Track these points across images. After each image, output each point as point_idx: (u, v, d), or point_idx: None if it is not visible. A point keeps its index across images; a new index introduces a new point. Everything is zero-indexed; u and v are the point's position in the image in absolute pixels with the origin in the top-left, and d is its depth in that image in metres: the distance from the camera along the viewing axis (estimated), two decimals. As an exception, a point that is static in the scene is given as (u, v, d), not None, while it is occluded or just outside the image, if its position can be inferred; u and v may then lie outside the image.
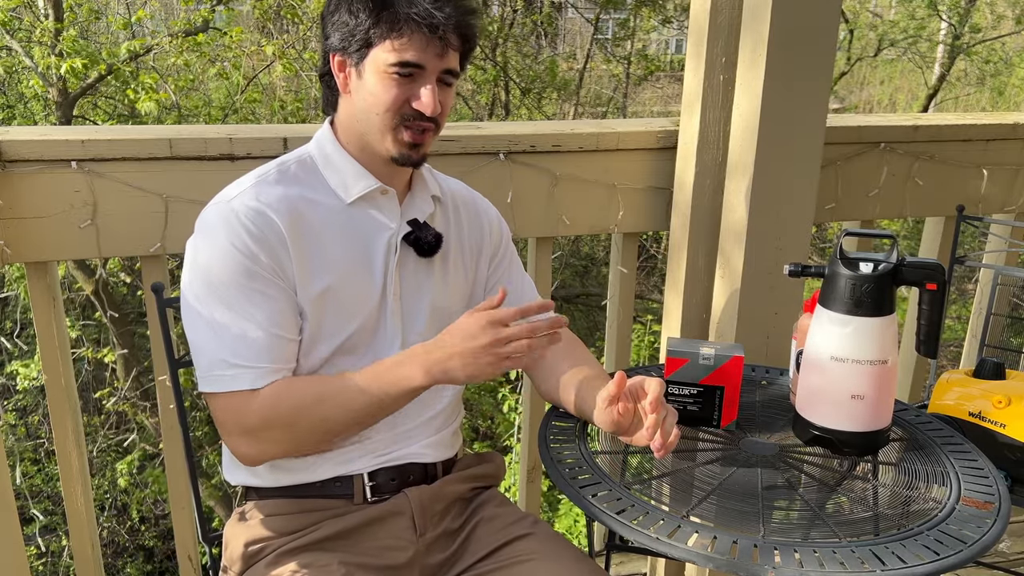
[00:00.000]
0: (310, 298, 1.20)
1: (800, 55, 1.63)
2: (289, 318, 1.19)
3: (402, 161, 1.23)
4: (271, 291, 1.17)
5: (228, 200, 1.19)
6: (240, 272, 1.15)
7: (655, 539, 1.06)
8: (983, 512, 1.14)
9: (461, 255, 1.38)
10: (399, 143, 1.21)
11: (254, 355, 1.16)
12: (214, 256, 1.16)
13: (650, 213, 1.94)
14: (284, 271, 1.18)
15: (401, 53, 1.16)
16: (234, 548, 1.27)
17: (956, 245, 2.10)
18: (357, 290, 1.24)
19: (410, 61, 1.16)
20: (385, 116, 1.19)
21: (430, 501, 1.29)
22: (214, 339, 1.16)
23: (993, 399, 1.53)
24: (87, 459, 1.81)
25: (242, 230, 1.16)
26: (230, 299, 1.15)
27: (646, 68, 10.11)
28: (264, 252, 1.16)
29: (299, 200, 1.22)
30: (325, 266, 1.21)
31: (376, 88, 1.18)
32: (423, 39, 1.16)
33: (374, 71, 1.18)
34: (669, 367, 1.37)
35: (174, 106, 6.86)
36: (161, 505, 6.43)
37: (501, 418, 6.39)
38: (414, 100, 1.18)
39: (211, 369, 1.17)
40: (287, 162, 1.27)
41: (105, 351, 6.19)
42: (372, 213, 1.26)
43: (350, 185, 1.25)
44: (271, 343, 1.16)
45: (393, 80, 1.17)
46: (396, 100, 1.18)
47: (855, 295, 1.23)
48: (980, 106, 12.68)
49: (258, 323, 1.16)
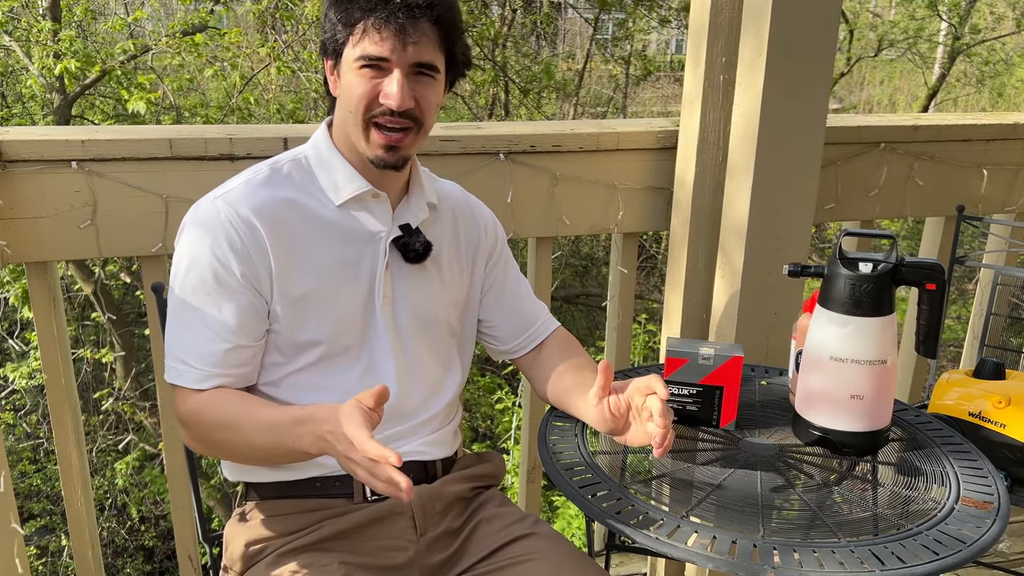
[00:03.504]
0: (290, 300, 1.21)
1: (800, 55, 1.63)
2: (250, 325, 1.20)
3: (379, 164, 1.21)
4: (236, 298, 1.18)
5: (214, 198, 1.20)
6: (209, 274, 1.17)
7: (655, 539, 1.06)
8: (982, 512, 1.14)
9: (457, 261, 1.38)
10: (372, 145, 1.20)
11: (199, 356, 1.19)
12: (191, 255, 1.19)
13: (650, 213, 1.94)
14: (258, 279, 1.19)
15: (362, 47, 1.15)
16: (235, 548, 1.27)
17: (956, 245, 2.10)
18: (342, 293, 1.24)
19: (371, 55, 1.15)
20: (356, 113, 1.18)
21: (431, 500, 1.29)
22: (174, 332, 1.21)
23: (993, 399, 1.53)
24: (87, 459, 1.81)
25: (222, 235, 1.17)
26: (194, 298, 1.18)
27: (645, 68, 10.11)
28: (238, 260, 1.17)
29: (286, 202, 1.22)
30: (308, 269, 1.22)
31: (348, 85, 1.18)
32: (380, 31, 1.14)
33: (348, 70, 1.18)
34: (669, 367, 1.37)
35: (173, 106, 6.86)
36: (161, 505, 6.43)
37: (500, 419, 6.40)
38: (382, 95, 1.17)
39: (168, 360, 1.21)
40: (280, 162, 1.27)
41: (104, 351, 6.19)
42: (363, 216, 1.26)
43: (341, 187, 1.24)
44: (221, 349, 1.18)
45: (361, 75, 1.17)
46: (364, 95, 1.17)
47: (854, 295, 1.23)
48: (980, 106, 12.68)
49: (212, 328, 1.18)
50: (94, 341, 6.59)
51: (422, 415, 1.32)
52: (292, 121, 7.06)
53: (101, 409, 6.23)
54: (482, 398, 6.56)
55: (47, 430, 5.97)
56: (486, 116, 9.26)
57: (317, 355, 1.24)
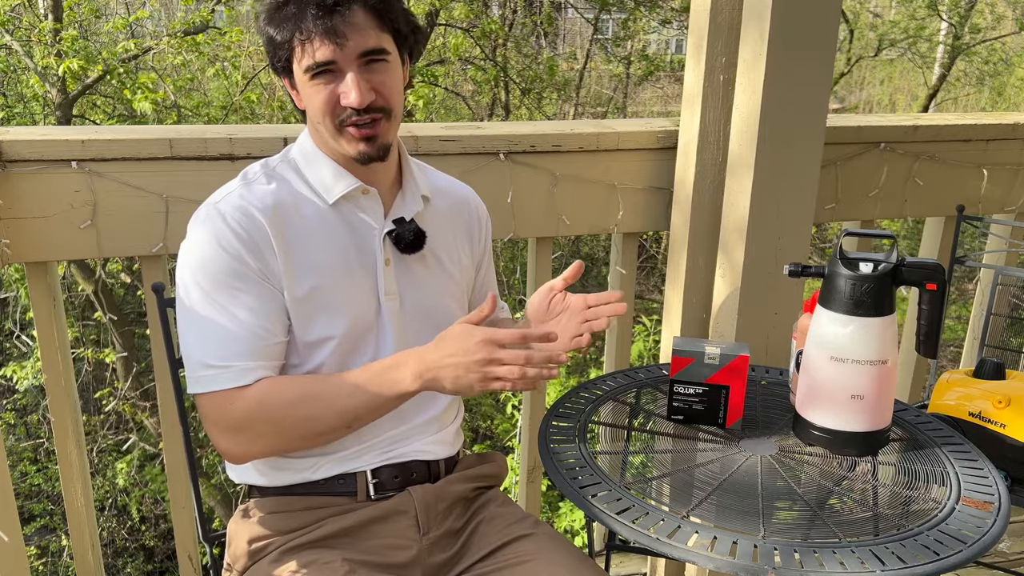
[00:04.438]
0: (296, 299, 1.20)
1: (800, 55, 1.63)
2: (275, 318, 1.19)
3: (363, 159, 1.21)
4: (257, 291, 1.17)
5: (215, 202, 1.20)
6: (226, 272, 1.16)
7: (655, 539, 1.06)
8: (983, 512, 1.14)
9: (456, 251, 1.38)
10: (351, 142, 1.20)
11: (235, 354, 1.16)
12: (202, 257, 1.17)
13: (650, 213, 1.94)
14: (271, 272, 1.19)
15: (307, 60, 1.15)
16: (237, 545, 1.27)
17: (956, 245, 2.10)
18: (345, 291, 1.24)
19: (316, 63, 1.15)
20: (325, 122, 1.19)
21: (434, 500, 1.29)
22: (198, 340, 1.17)
23: (993, 399, 1.53)
24: (87, 459, 1.81)
25: (229, 231, 1.16)
26: (215, 299, 1.16)
27: (646, 68, 10.11)
28: (250, 253, 1.17)
29: (284, 200, 1.22)
30: (310, 267, 1.21)
31: (308, 98, 1.19)
32: (313, 40, 1.14)
33: (302, 84, 1.18)
34: (674, 366, 1.37)
35: (174, 106, 6.86)
36: (161, 505, 6.43)
37: (501, 419, 6.39)
38: (342, 98, 1.17)
39: (195, 370, 1.17)
40: (272, 163, 1.27)
41: (105, 351, 6.19)
42: (356, 213, 1.26)
43: (331, 186, 1.24)
44: (254, 342, 1.17)
45: (315, 86, 1.17)
46: (326, 104, 1.17)
47: (855, 295, 1.23)
48: (980, 106, 12.68)
49: (241, 323, 1.16)
50: (95, 341, 6.59)
51: (425, 414, 1.33)
52: (293, 121, 7.06)
53: (104, 409, 6.23)
54: (482, 398, 6.56)
55: (47, 430, 5.97)
56: (486, 116, 9.27)
57: (328, 352, 1.23)
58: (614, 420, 1.42)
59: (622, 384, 1.54)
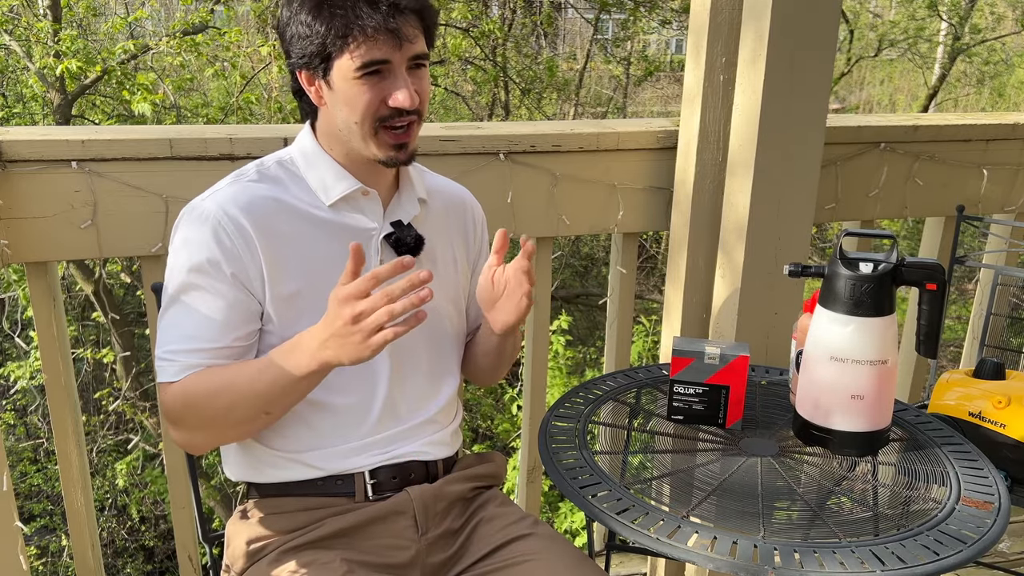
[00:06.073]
0: (280, 300, 1.20)
1: (800, 55, 1.63)
2: (237, 322, 1.19)
3: (391, 163, 1.22)
4: (223, 292, 1.17)
5: (203, 200, 1.20)
6: (195, 271, 1.17)
7: (655, 539, 1.06)
8: (983, 512, 1.14)
9: (452, 254, 1.38)
10: (383, 147, 1.20)
11: (183, 350, 1.17)
12: (176, 253, 1.19)
13: (650, 213, 1.94)
14: (248, 279, 1.18)
15: (361, 56, 1.14)
16: (236, 546, 1.27)
17: (956, 245, 2.10)
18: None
19: (374, 59, 1.14)
20: (364, 123, 1.18)
21: (432, 500, 1.29)
22: (161, 330, 1.20)
23: (993, 399, 1.53)
24: (87, 459, 1.81)
25: (210, 235, 1.17)
26: (178, 295, 1.18)
27: (646, 68, 10.11)
28: (226, 258, 1.17)
29: (274, 202, 1.22)
30: (298, 269, 1.21)
31: (349, 96, 1.16)
32: (376, 36, 1.13)
33: (342, 79, 1.16)
34: (675, 366, 1.37)
35: (173, 106, 6.86)
36: (161, 505, 6.43)
37: (501, 419, 6.40)
38: (390, 99, 1.16)
39: (156, 360, 1.20)
40: (266, 163, 1.27)
41: (105, 351, 6.19)
42: (354, 215, 1.26)
43: (330, 187, 1.24)
44: (203, 343, 1.17)
45: (363, 84, 1.15)
46: (371, 104, 1.16)
47: (855, 295, 1.23)
48: (980, 106, 12.69)
49: (197, 322, 1.17)
50: (94, 341, 6.59)
51: (422, 415, 1.32)
52: (292, 121, 7.06)
53: (105, 409, 6.23)
54: (482, 398, 6.57)
55: (47, 430, 5.97)
56: (486, 116, 9.27)
57: None
58: (614, 420, 1.42)
59: (622, 384, 1.54)
